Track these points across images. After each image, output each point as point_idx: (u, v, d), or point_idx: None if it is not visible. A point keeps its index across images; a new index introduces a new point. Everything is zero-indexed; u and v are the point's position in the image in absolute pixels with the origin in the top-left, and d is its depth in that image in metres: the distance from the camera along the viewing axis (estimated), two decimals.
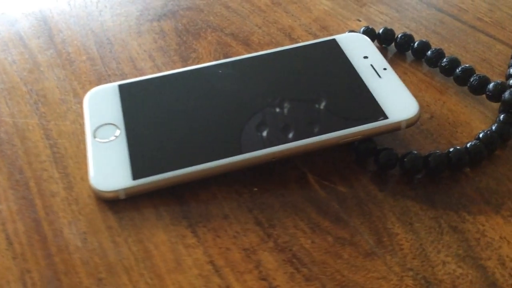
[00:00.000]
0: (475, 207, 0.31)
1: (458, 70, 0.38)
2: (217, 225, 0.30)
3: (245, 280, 0.27)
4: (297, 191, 0.32)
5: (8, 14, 0.44)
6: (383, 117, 0.32)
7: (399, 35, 0.41)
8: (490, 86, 0.36)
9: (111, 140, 0.32)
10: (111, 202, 0.30)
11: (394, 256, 0.29)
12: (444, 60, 0.39)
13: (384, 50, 0.42)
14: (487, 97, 0.37)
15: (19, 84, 0.37)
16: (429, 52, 0.40)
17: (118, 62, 0.39)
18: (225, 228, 0.30)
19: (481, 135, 0.34)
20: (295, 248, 0.29)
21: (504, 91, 0.36)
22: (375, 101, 0.33)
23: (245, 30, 0.43)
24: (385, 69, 0.36)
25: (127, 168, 0.30)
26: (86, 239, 0.29)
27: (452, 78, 0.39)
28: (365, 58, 0.36)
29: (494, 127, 0.34)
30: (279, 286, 0.27)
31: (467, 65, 0.38)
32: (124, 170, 0.30)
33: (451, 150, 0.33)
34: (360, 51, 0.37)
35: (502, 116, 0.35)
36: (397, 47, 0.42)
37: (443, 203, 0.31)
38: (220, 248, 0.29)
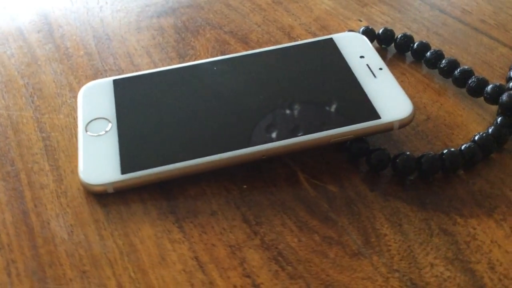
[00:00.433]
0: (467, 210, 0.31)
1: (456, 72, 0.38)
2: (204, 221, 0.30)
3: (228, 277, 0.27)
4: (286, 189, 0.31)
5: (9, 9, 0.44)
6: (376, 117, 0.32)
7: (399, 36, 0.41)
8: (488, 88, 0.36)
9: (102, 134, 0.32)
10: (99, 196, 0.30)
11: (381, 257, 0.28)
12: (443, 61, 0.38)
13: (384, 51, 0.42)
14: (485, 99, 0.36)
15: (16, 77, 0.38)
16: (428, 53, 0.39)
17: (116, 58, 0.40)
18: (212, 224, 0.29)
19: (476, 138, 0.33)
20: (281, 246, 0.29)
21: (502, 93, 0.35)
22: (368, 100, 0.33)
23: (244, 28, 0.43)
24: (381, 69, 0.35)
25: (116, 163, 0.30)
26: (72, 231, 0.29)
27: (451, 80, 0.38)
28: (361, 57, 0.36)
29: (490, 130, 0.34)
30: (262, 283, 0.27)
31: (466, 66, 0.38)
32: (113, 164, 0.30)
33: (445, 152, 0.32)
34: (357, 51, 0.37)
35: (499, 119, 0.35)
36: (396, 47, 0.41)
37: (435, 205, 0.31)
38: (205, 244, 0.29)
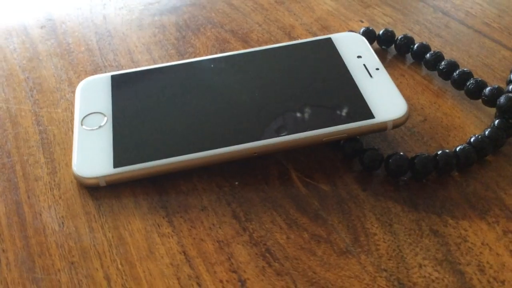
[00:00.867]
0: (459, 212, 0.30)
1: (455, 74, 0.37)
2: (194, 216, 0.30)
3: (215, 271, 0.27)
4: (278, 187, 0.32)
5: (14, 5, 0.45)
6: (369, 116, 0.32)
7: (399, 37, 0.41)
8: (486, 90, 0.36)
9: (97, 128, 0.32)
10: (92, 189, 0.31)
11: (369, 256, 0.28)
12: (443, 63, 0.38)
13: (384, 52, 0.42)
14: (483, 101, 0.36)
15: (17, 72, 0.38)
16: (428, 55, 0.39)
17: (116, 54, 0.40)
18: (201, 220, 0.30)
19: (472, 140, 0.33)
20: (270, 242, 0.29)
21: (500, 96, 0.35)
22: (363, 100, 0.33)
23: (245, 27, 0.43)
24: (377, 69, 0.35)
25: (109, 156, 0.31)
26: (63, 223, 0.29)
27: (450, 82, 0.38)
28: (358, 57, 0.36)
29: (486, 132, 0.34)
30: (248, 279, 0.27)
31: (465, 68, 0.37)
32: (106, 158, 0.31)
33: (439, 153, 0.32)
34: (354, 51, 0.37)
35: (496, 122, 0.34)
36: (397, 49, 0.41)
37: (426, 206, 0.31)
38: (194, 238, 0.29)
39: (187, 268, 0.27)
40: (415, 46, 0.40)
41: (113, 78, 0.36)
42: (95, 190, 0.31)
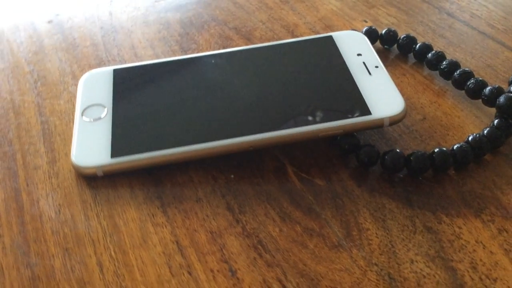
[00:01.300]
0: (454, 210, 0.30)
1: (456, 73, 0.37)
2: (188, 207, 0.30)
3: (206, 261, 0.27)
4: (273, 181, 0.32)
5: (22, 0, 0.46)
6: (366, 112, 0.32)
7: (402, 37, 0.41)
8: (486, 90, 0.35)
9: (97, 119, 0.33)
10: (89, 179, 0.31)
11: (361, 251, 0.28)
12: (444, 62, 0.38)
13: (386, 51, 0.42)
14: (483, 101, 0.36)
15: (22, 64, 0.39)
16: (429, 55, 0.39)
17: (120, 49, 0.41)
18: (195, 211, 0.30)
19: (470, 138, 0.33)
20: (262, 235, 0.29)
21: (500, 95, 0.35)
22: (360, 97, 0.33)
23: (248, 25, 0.44)
24: (377, 67, 0.35)
25: (107, 147, 0.31)
26: (60, 210, 0.30)
27: (451, 82, 0.38)
28: (358, 55, 0.36)
29: (485, 132, 0.33)
30: (239, 269, 0.27)
31: (466, 68, 0.37)
32: (104, 148, 0.31)
33: (436, 150, 0.32)
34: (355, 49, 0.37)
35: (496, 121, 0.34)
36: (399, 48, 0.41)
37: (421, 203, 0.31)
38: (187, 229, 0.29)
39: (179, 257, 0.28)
40: (417, 46, 0.40)
41: (115, 71, 0.36)
42: (93, 180, 0.31)
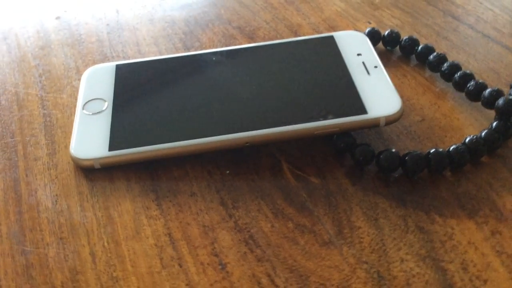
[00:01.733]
0: (448, 210, 0.30)
1: (457, 75, 0.37)
2: (182, 201, 0.30)
3: (197, 254, 0.28)
4: (268, 177, 0.32)
5: None
6: (362, 112, 0.32)
7: (404, 38, 0.41)
8: (486, 92, 0.35)
9: (97, 113, 0.33)
10: (87, 171, 0.32)
11: (351, 248, 0.28)
12: (445, 64, 0.38)
13: (389, 53, 0.42)
14: (482, 103, 0.36)
15: (28, 59, 0.40)
16: (431, 57, 0.39)
17: (124, 46, 0.41)
18: (189, 205, 0.30)
19: (466, 140, 0.33)
20: (254, 230, 0.29)
21: (499, 98, 0.35)
22: (358, 96, 0.33)
23: (252, 24, 0.44)
24: (376, 67, 0.35)
25: (106, 140, 0.32)
26: (56, 201, 0.30)
27: (452, 84, 0.38)
28: (358, 55, 0.36)
29: (483, 134, 0.33)
30: (229, 263, 0.28)
31: (467, 70, 0.37)
32: (102, 141, 0.32)
33: (431, 151, 0.32)
34: (355, 49, 0.37)
35: (494, 124, 0.34)
36: (401, 50, 0.41)
37: (415, 203, 0.31)
38: (180, 222, 0.29)
39: (171, 249, 0.28)
40: (419, 48, 0.40)
41: (117, 67, 0.37)
42: (90, 172, 0.32)
